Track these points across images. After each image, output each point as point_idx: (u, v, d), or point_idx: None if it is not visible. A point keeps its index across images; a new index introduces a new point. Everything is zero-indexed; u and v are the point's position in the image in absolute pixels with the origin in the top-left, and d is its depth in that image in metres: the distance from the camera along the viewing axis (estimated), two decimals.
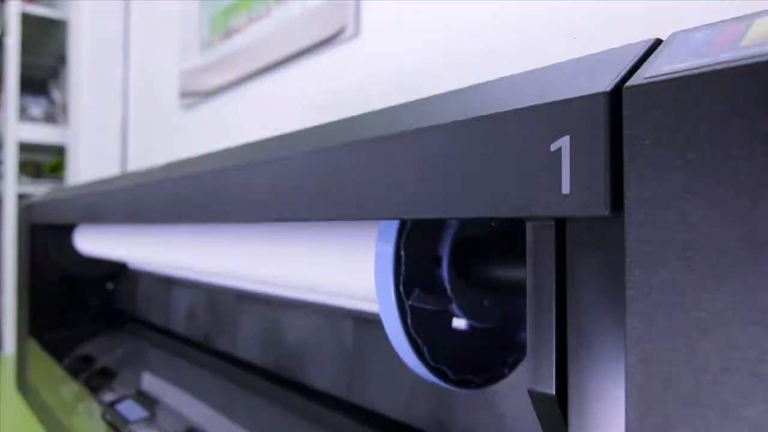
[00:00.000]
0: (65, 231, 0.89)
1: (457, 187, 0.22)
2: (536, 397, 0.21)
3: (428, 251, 0.29)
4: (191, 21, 1.91)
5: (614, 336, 0.19)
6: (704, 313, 0.16)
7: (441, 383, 0.29)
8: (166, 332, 0.84)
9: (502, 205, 0.21)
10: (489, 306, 0.32)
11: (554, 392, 0.21)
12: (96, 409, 0.64)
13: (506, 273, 0.30)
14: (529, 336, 0.22)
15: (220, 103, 1.66)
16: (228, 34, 1.74)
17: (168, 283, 0.84)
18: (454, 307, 0.30)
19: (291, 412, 0.54)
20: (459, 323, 0.29)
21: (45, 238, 0.89)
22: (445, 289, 0.30)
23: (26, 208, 0.90)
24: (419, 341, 0.28)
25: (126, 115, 2.15)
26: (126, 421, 0.56)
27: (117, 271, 0.95)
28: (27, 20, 2.13)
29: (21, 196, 2.08)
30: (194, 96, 1.87)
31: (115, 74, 2.14)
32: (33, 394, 0.88)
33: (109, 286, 0.95)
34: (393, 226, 0.29)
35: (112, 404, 0.60)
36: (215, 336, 0.72)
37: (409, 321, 0.28)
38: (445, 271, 0.30)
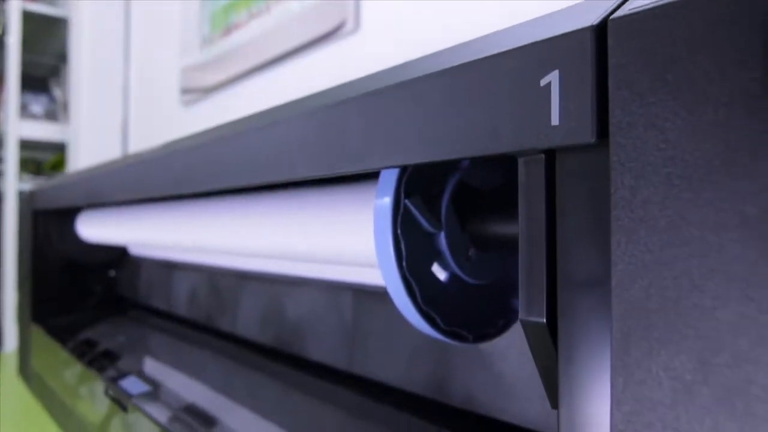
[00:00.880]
0: (67, 218, 0.90)
1: (454, 129, 0.23)
2: (528, 326, 0.22)
3: (426, 205, 0.30)
4: (191, 18, 1.92)
5: (601, 265, 0.20)
6: (683, 223, 0.17)
7: (433, 332, 0.30)
8: (168, 316, 0.85)
9: (496, 142, 0.22)
10: (484, 262, 0.33)
11: (545, 320, 0.22)
12: (99, 389, 0.64)
13: (502, 229, 0.31)
14: (521, 268, 0.23)
15: (221, 100, 1.67)
16: (228, 30, 1.75)
17: (169, 268, 0.85)
18: (450, 260, 0.31)
19: (293, 386, 0.55)
20: (441, 273, 0.30)
21: (47, 226, 0.90)
22: (442, 243, 0.31)
23: (29, 195, 0.91)
24: (415, 289, 0.29)
25: (126, 112, 2.16)
26: (129, 396, 0.56)
27: (118, 258, 0.96)
28: (28, 18, 2.15)
29: (21, 194, 2.08)
30: (195, 92, 1.88)
31: (116, 72, 2.15)
32: (35, 378, 0.89)
33: (111, 273, 0.96)
34: (390, 182, 0.30)
35: (114, 380, 0.61)
36: (217, 317, 0.73)
37: (406, 270, 0.29)
38: (443, 223, 0.31)
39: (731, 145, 0.16)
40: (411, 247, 0.30)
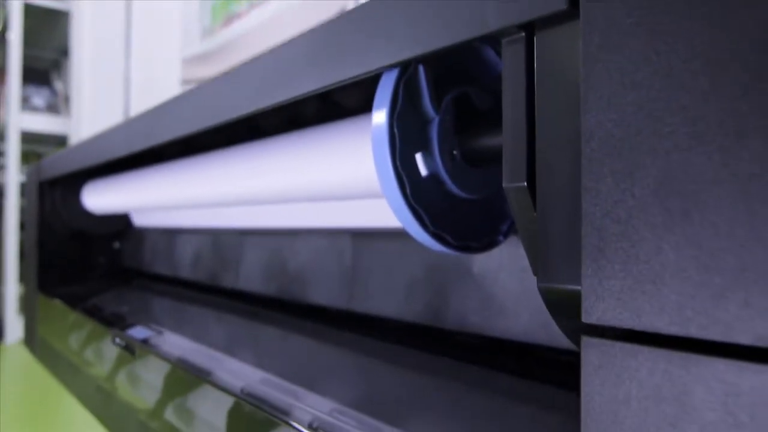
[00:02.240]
0: (73, 190, 0.93)
1: (445, 20, 0.26)
2: (511, 191, 0.25)
3: (422, 116, 0.33)
4: (192, 10, 1.94)
5: (573, 128, 0.23)
6: (642, 64, 0.19)
7: (420, 230, 0.33)
8: (172, 281, 0.87)
9: (484, 25, 0.24)
10: (471, 176, 0.35)
11: (525, 183, 0.24)
12: (105, 344, 0.67)
13: (490, 142, 0.34)
14: (504, 141, 0.25)
15: None
16: (229, 21, 1.77)
17: (171, 234, 0.87)
18: (436, 150, 0.33)
19: (297, 328, 0.57)
20: (424, 168, 0.32)
21: (53, 197, 0.92)
22: (433, 131, 0.33)
23: (35, 167, 0.93)
24: (406, 183, 0.31)
25: (127, 104, 2.18)
26: (135, 340, 0.59)
27: (122, 230, 0.98)
28: (30, 11, 2.17)
29: (23, 186, 2.10)
30: (196, 83, 1.90)
31: (117, 64, 2.18)
32: (41, 345, 0.91)
33: (116, 245, 0.99)
34: (390, 81, 0.32)
35: (122, 329, 0.63)
36: (220, 275, 0.75)
37: (399, 166, 0.31)
38: (441, 109, 0.33)
39: None
40: (404, 135, 0.31)
